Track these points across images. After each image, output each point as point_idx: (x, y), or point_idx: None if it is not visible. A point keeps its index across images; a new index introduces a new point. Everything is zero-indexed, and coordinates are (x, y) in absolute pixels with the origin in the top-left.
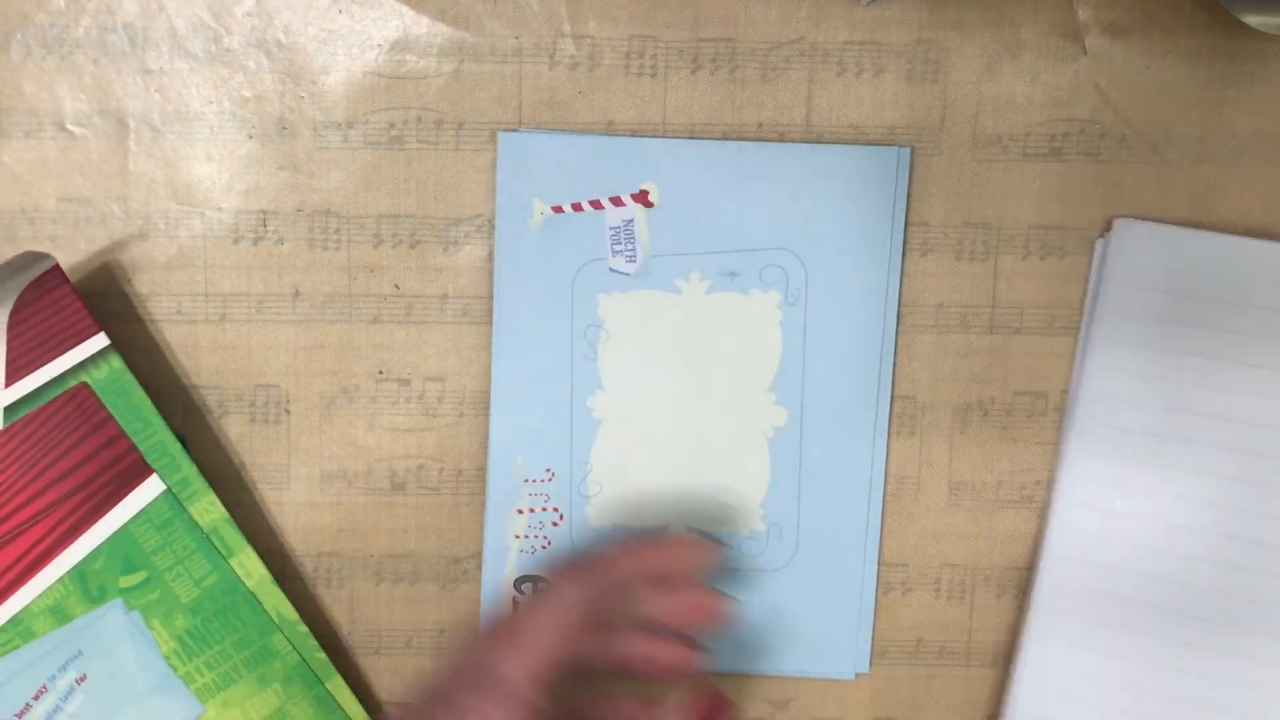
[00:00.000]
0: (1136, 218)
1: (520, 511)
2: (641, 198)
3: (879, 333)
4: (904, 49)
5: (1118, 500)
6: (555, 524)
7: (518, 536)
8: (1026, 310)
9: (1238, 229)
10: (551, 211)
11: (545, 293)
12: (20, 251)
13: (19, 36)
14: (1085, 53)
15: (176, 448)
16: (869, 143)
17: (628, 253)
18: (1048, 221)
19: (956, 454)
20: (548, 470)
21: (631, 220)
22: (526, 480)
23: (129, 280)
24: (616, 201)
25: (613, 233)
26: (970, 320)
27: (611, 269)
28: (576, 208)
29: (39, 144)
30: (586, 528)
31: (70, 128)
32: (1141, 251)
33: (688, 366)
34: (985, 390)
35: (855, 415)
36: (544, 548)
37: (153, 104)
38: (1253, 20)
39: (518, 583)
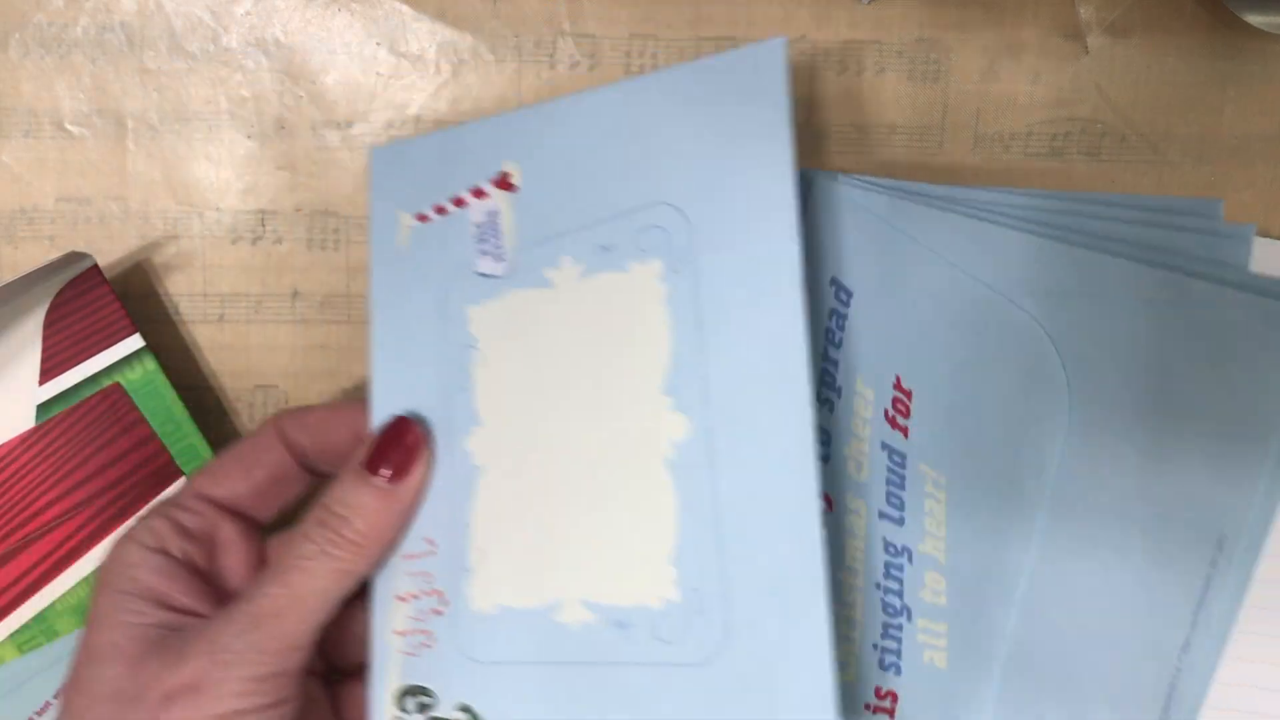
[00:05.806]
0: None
1: (401, 599)
2: (503, 182)
3: (790, 294)
4: (905, 49)
5: None
6: (437, 611)
7: (398, 633)
8: None
9: None
10: (416, 221)
11: (415, 319)
12: (15, 249)
13: (17, 36)
14: (1086, 52)
15: (207, 452)
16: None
17: (494, 251)
18: None
19: None
20: (428, 541)
21: (496, 211)
22: (405, 556)
23: (127, 280)
24: (478, 193)
25: (477, 230)
26: None
27: (479, 273)
28: (440, 211)
29: (38, 144)
30: (468, 614)
31: (69, 127)
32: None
33: (570, 380)
34: None
35: (780, 418)
36: (426, 646)
37: (151, 103)
38: (1254, 20)
39: (401, 696)
